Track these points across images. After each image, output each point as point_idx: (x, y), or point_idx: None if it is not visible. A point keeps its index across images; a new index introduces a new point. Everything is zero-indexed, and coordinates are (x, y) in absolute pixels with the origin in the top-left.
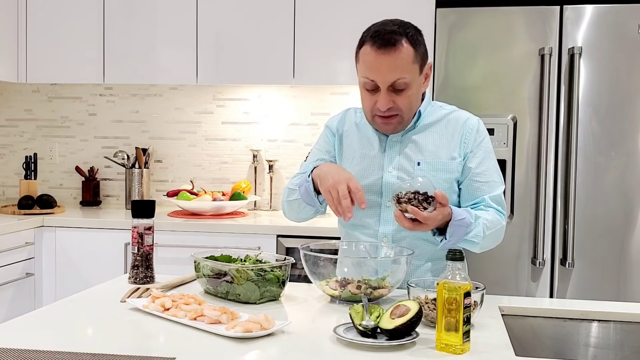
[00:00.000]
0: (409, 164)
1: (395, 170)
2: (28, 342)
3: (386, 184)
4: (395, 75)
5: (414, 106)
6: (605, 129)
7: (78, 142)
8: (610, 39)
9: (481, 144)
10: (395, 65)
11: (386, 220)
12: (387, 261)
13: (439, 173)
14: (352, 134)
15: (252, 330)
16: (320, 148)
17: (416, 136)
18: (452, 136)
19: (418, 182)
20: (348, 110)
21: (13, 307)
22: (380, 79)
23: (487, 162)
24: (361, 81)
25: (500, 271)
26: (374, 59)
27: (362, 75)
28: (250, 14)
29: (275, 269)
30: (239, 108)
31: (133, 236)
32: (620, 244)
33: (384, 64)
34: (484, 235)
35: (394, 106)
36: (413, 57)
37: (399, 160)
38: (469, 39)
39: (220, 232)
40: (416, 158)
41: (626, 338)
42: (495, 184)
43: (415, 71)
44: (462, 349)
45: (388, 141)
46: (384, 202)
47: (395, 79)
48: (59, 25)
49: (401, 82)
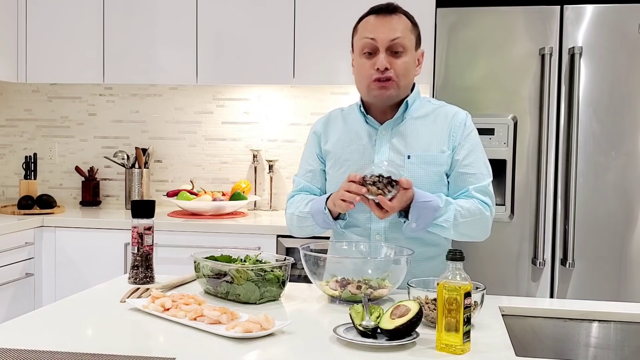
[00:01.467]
0: (399, 157)
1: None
2: (28, 342)
3: None
4: (395, 33)
5: (408, 79)
6: (605, 129)
7: (78, 142)
8: (611, 39)
9: (468, 136)
10: (395, 27)
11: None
12: (388, 261)
13: (429, 166)
14: (339, 130)
15: (252, 331)
16: (308, 158)
17: (405, 128)
18: (441, 130)
19: (383, 166)
20: (332, 111)
21: (13, 307)
22: (380, 36)
23: (475, 155)
24: (360, 45)
25: (500, 271)
26: (375, 20)
27: (362, 37)
28: (250, 14)
29: (275, 269)
30: (239, 108)
31: (133, 236)
32: (621, 244)
33: (385, 24)
34: (456, 222)
35: (391, 70)
36: (411, 27)
37: (389, 154)
38: (469, 39)
39: (220, 232)
40: (406, 151)
41: (626, 338)
42: (482, 175)
43: (412, 41)
44: (463, 349)
45: (378, 134)
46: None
47: (395, 37)
48: (59, 25)
49: (399, 43)
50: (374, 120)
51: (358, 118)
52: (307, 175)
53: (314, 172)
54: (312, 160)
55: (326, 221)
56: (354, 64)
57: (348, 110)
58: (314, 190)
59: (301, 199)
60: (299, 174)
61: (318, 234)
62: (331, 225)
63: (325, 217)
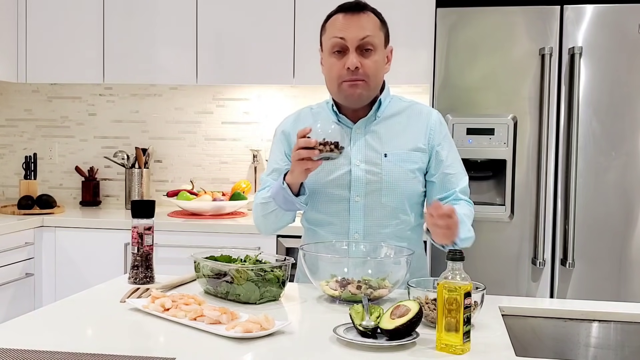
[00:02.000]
0: (375, 155)
1: (363, 164)
2: (28, 342)
3: (355, 178)
4: (364, 32)
5: (379, 78)
6: (605, 129)
7: (78, 142)
8: (611, 39)
9: (446, 136)
10: (364, 25)
11: (356, 216)
12: (388, 261)
13: (405, 164)
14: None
15: (252, 331)
16: (276, 157)
17: (379, 127)
18: (417, 128)
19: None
20: (301, 109)
21: (13, 307)
22: (349, 35)
23: (453, 154)
24: (329, 45)
25: (500, 271)
26: (344, 19)
27: (331, 36)
28: (250, 14)
29: (275, 269)
30: (239, 108)
31: (133, 236)
32: (621, 244)
33: (354, 23)
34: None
35: (361, 69)
36: (380, 25)
37: (365, 153)
38: (469, 39)
39: (220, 232)
40: (382, 149)
41: (626, 338)
42: (460, 175)
43: (381, 39)
44: (463, 349)
45: (352, 133)
46: (352, 197)
47: (365, 36)
48: (59, 25)
49: (369, 42)
50: (347, 119)
51: (329, 117)
52: (273, 174)
53: (280, 171)
54: (280, 160)
55: (287, 198)
56: (322, 63)
57: (317, 109)
58: None
59: (261, 193)
60: (266, 173)
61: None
62: (293, 201)
63: (285, 192)
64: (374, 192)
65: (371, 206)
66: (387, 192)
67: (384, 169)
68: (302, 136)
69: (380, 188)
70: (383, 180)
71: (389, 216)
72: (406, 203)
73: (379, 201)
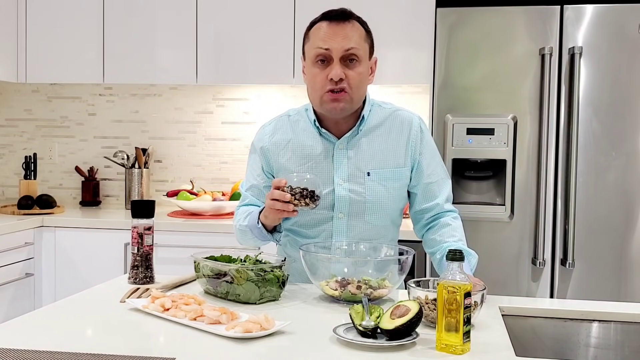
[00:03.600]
0: (359, 174)
1: (347, 183)
2: (28, 342)
3: (339, 198)
4: (349, 43)
5: (362, 90)
6: (605, 129)
7: (78, 142)
8: (611, 39)
9: (426, 143)
10: (349, 35)
11: (339, 231)
12: (388, 261)
13: (389, 182)
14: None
15: (252, 331)
16: (253, 171)
17: (361, 142)
18: (398, 141)
19: (305, 179)
20: (278, 120)
21: (13, 307)
22: (334, 45)
23: (434, 160)
24: (312, 54)
25: (500, 271)
26: (328, 28)
27: (315, 46)
28: (250, 14)
29: (275, 269)
30: (239, 108)
31: (133, 236)
32: (621, 244)
33: (339, 33)
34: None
35: (345, 81)
36: (365, 35)
37: (347, 171)
38: (469, 38)
39: (220, 232)
40: (365, 167)
41: (626, 338)
42: (442, 181)
43: (366, 50)
44: (463, 349)
45: (335, 149)
46: (336, 215)
47: (349, 47)
48: (59, 26)
49: (354, 53)
50: (329, 134)
51: (309, 128)
52: (251, 189)
53: (258, 187)
54: (257, 176)
55: (263, 234)
56: (305, 72)
57: (296, 117)
58: (258, 204)
59: (243, 211)
60: (245, 186)
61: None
62: (267, 237)
63: (260, 231)
64: (357, 211)
65: (354, 224)
66: (371, 212)
67: (367, 189)
68: (277, 187)
69: (364, 208)
70: (367, 200)
71: (372, 232)
72: (389, 219)
73: (362, 219)
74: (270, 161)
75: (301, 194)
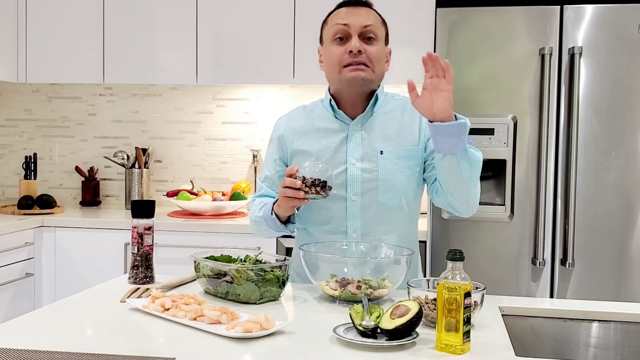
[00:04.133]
0: (372, 153)
1: (359, 162)
2: (28, 342)
3: (351, 177)
4: (367, 21)
5: (381, 67)
6: (605, 129)
7: (78, 142)
8: (611, 39)
9: None
10: (368, 16)
11: (353, 215)
12: (388, 261)
13: (402, 160)
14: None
15: (252, 330)
16: (268, 163)
17: (375, 123)
18: (411, 122)
19: (317, 168)
20: (294, 110)
21: (13, 307)
22: (352, 22)
23: None
24: (331, 32)
25: (500, 271)
26: (347, 10)
27: (333, 23)
28: (250, 14)
29: (275, 269)
30: (239, 108)
31: (133, 236)
32: (621, 244)
33: (357, 13)
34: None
35: (364, 55)
36: (381, 21)
37: (361, 150)
38: (469, 39)
39: (220, 232)
40: (378, 146)
41: (626, 338)
42: None
43: (383, 35)
44: (462, 349)
45: (349, 130)
46: (349, 196)
47: (368, 24)
48: (59, 25)
49: (372, 30)
50: (344, 115)
51: (324, 114)
52: (266, 180)
53: (272, 178)
54: (271, 166)
55: (277, 225)
56: (322, 59)
57: (311, 106)
58: (273, 195)
59: (258, 202)
60: (261, 178)
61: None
62: (280, 228)
63: (274, 221)
64: (370, 190)
65: (368, 204)
66: (383, 190)
67: (380, 167)
68: (290, 175)
69: (377, 186)
70: (379, 179)
71: (386, 214)
72: (403, 200)
73: (375, 199)
74: (285, 148)
75: (313, 182)
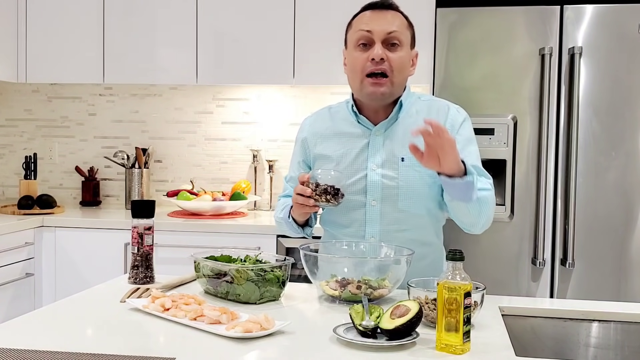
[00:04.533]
0: (393, 159)
1: (380, 168)
2: (28, 342)
3: (371, 183)
4: (391, 26)
5: (403, 76)
6: (605, 129)
7: (78, 142)
8: (611, 39)
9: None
10: (392, 21)
11: (372, 220)
12: (388, 261)
13: (422, 168)
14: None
15: (252, 331)
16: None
17: (398, 130)
18: None
19: (330, 175)
20: (320, 111)
21: (13, 307)
22: (376, 28)
23: (470, 147)
24: (354, 38)
25: (500, 271)
26: (371, 14)
27: (357, 29)
28: (250, 14)
29: (275, 269)
30: (239, 108)
31: (133, 236)
32: (621, 244)
33: (382, 17)
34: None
35: (386, 64)
36: (407, 25)
37: (382, 156)
38: (469, 39)
39: (220, 232)
40: (399, 153)
41: (626, 338)
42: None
43: (408, 38)
44: (462, 349)
45: (371, 136)
46: (368, 202)
47: (392, 30)
48: (59, 25)
49: (395, 36)
50: (367, 120)
51: (348, 118)
52: (290, 181)
53: (295, 179)
54: (295, 168)
55: (294, 228)
56: (346, 62)
57: (336, 108)
58: None
59: (282, 202)
60: (286, 178)
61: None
62: (298, 231)
63: (291, 224)
64: (390, 197)
65: (388, 211)
66: (404, 197)
67: (401, 174)
68: (302, 182)
69: (397, 193)
70: (399, 186)
71: (407, 221)
72: (424, 208)
73: (395, 206)
74: (308, 151)
75: (325, 190)
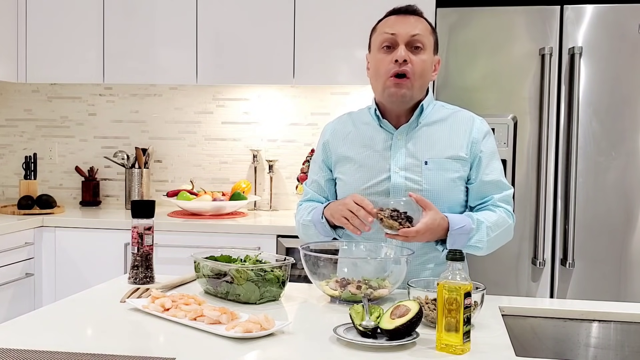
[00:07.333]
0: (416, 163)
1: (403, 171)
2: (28, 342)
3: (394, 186)
4: (415, 30)
5: (425, 79)
6: (605, 129)
7: (78, 142)
8: (611, 39)
9: (488, 143)
10: (415, 24)
11: None
12: (388, 261)
13: (446, 172)
14: (351, 136)
15: (252, 331)
16: (314, 167)
17: (420, 133)
18: (459, 135)
19: (402, 201)
20: (341, 116)
21: (13, 307)
22: (400, 31)
23: (494, 162)
24: (378, 41)
25: (500, 271)
26: (396, 18)
27: (382, 32)
28: (250, 14)
29: (275, 269)
30: (239, 108)
31: (133, 236)
32: (621, 244)
33: (406, 21)
34: (489, 239)
35: (409, 65)
36: (430, 30)
37: (405, 159)
38: (469, 38)
39: (220, 232)
40: (423, 157)
41: (626, 338)
42: (502, 184)
43: (431, 44)
44: (463, 349)
45: (393, 139)
46: None
47: (415, 33)
48: (59, 25)
49: (419, 39)
50: (389, 124)
51: (370, 122)
52: (312, 185)
53: (318, 183)
54: (318, 170)
55: (326, 230)
56: (369, 66)
57: (358, 114)
58: (320, 200)
59: (306, 206)
60: (307, 182)
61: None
62: (329, 232)
63: (324, 226)
64: None
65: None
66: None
67: (425, 177)
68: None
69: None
70: (423, 189)
71: None
72: (448, 210)
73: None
74: (329, 153)
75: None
